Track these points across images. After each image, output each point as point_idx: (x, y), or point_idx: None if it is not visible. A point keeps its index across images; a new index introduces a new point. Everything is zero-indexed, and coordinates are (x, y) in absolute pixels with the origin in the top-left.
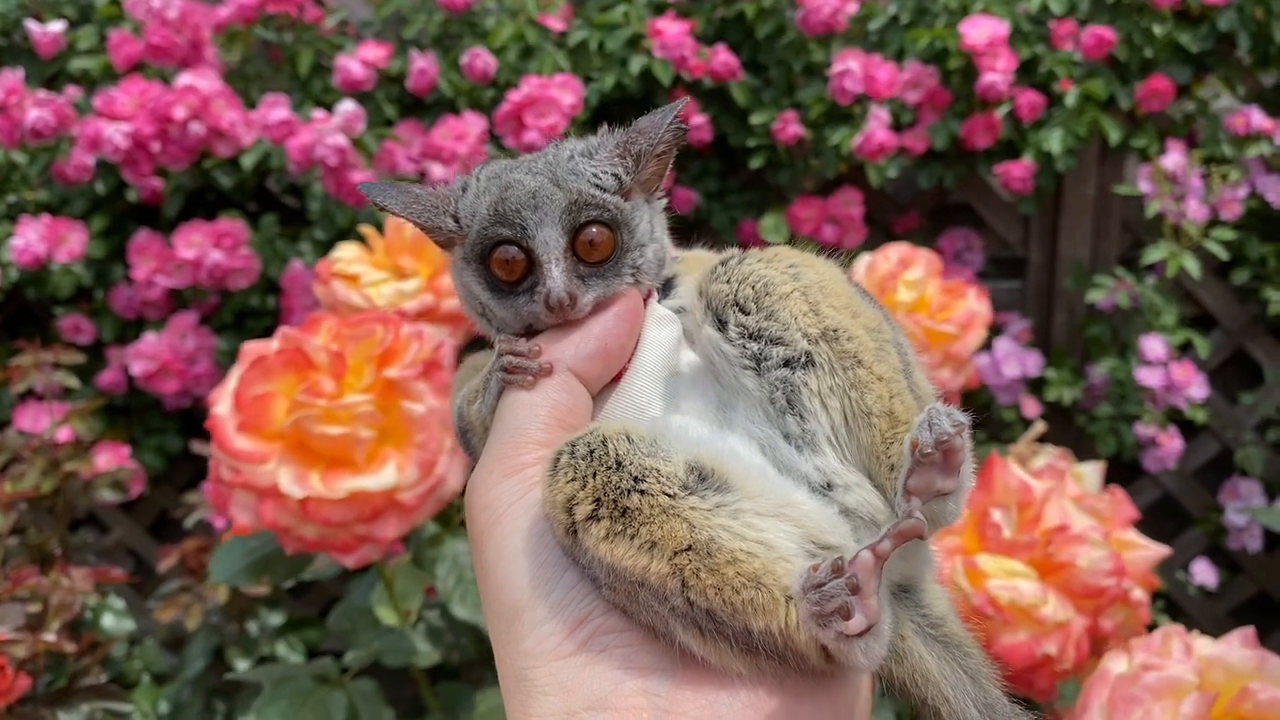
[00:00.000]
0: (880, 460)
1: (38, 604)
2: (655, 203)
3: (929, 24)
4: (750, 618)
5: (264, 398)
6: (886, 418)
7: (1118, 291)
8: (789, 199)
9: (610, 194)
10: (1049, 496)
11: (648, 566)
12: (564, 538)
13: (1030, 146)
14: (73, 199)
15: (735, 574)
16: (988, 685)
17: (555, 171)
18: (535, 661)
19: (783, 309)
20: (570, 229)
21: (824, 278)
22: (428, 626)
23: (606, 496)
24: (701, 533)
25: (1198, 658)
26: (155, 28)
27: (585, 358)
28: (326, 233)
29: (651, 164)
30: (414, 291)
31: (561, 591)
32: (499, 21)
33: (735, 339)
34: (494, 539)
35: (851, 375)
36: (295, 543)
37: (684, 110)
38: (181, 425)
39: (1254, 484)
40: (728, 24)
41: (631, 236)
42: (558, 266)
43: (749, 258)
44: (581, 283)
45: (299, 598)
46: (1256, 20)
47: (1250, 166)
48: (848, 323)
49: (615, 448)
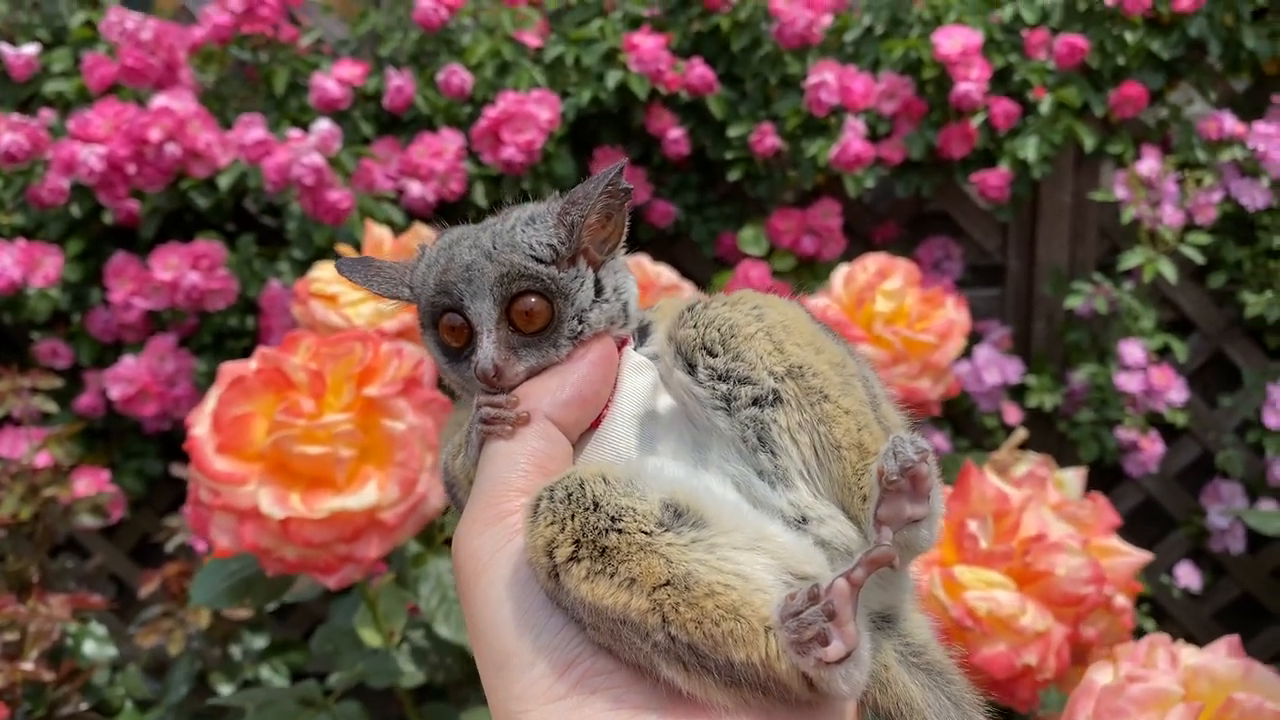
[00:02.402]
0: (852, 492)
1: (15, 632)
2: (611, 262)
3: (903, 35)
4: (731, 649)
5: (243, 418)
6: (856, 449)
7: (1096, 297)
8: (768, 211)
9: (546, 264)
10: (1026, 505)
11: (628, 603)
12: (547, 581)
13: (1006, 155)
14: (48, 222)
15: (714, 606)
16: (971, 711)
17: (495, 242)
18: (527, 705)
19: (748, 349)
20: (502, 300)
21: (787, 317)
22: (412, 647)
23: (585, 537)
24: (679, 567)
25: (1183, 667)
26: (130, 49)
27: (562, 405)
28: (304, 252)
29: (606, 227)
30: (392, 310)
31: (549, 635)
32: (475, 38)
33: (705, 380)
34: (480, 587)
35: (819, 410)
36: (276, 564)
37: (619, 170)
38: (161, 448)
39: (1235, 486)
40: (703, 37)
41: (570, 305)
42: (488, 338)
43: (714, 303)
44: (514, 353)
45: (282, 621)
46: (1226, 26)
47: (1224, 171)
48: (812, 359)
49: (592, 489)
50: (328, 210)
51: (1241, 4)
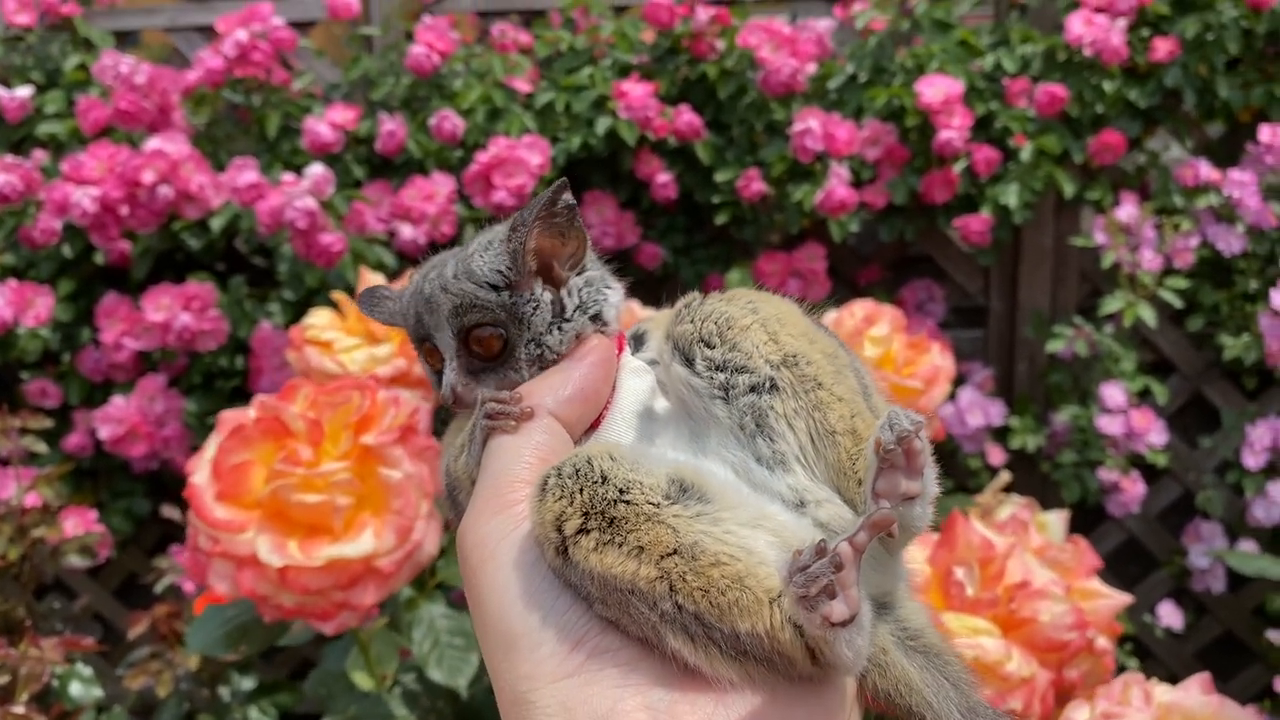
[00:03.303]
0: (847, 476)
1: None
2: (580, 276)
3: (886, 83)
4: (736, 619)
5: (242, 466)
6: (850, 435)
7: (1077, 340)
8: (754, 253)
9: (500, 290)
10: (1010, 552)
11: (636, 572)
12: (554, 559)
13: (988, 200)
14: (39, 262)
15: (720, 576)
16: (969, 691)
17: (455, 270)
18: (535, 684)
19: (745, 340)
20: (459, 330)
21: (780, 311)
22: (404, 691)
23: (594, 509)
24: (686, 537)
25: (1156, 705)
26: (123, 92)
27: (565, 401)
28: (296, 293)
29: (566, 245)
30: (387, 357)
31: (557, 615)
32: (466, 84)
33: (703, 372)
34: (487, 573)
35: (813, 397)
36: (274, 611)
37: (557, 189)
38: (149, 488)
39: (1215, 526)
40: (691, 85)
41: (526, 329)
42: (450, 365)
43: (710, 299)
44: (475, 377)
45: (270, 661)
46: (1200, 76)
47: (1201, 216)
48: (806, 348)
49: (600, 465)
50: (320, 253)
51: (1215, 55)
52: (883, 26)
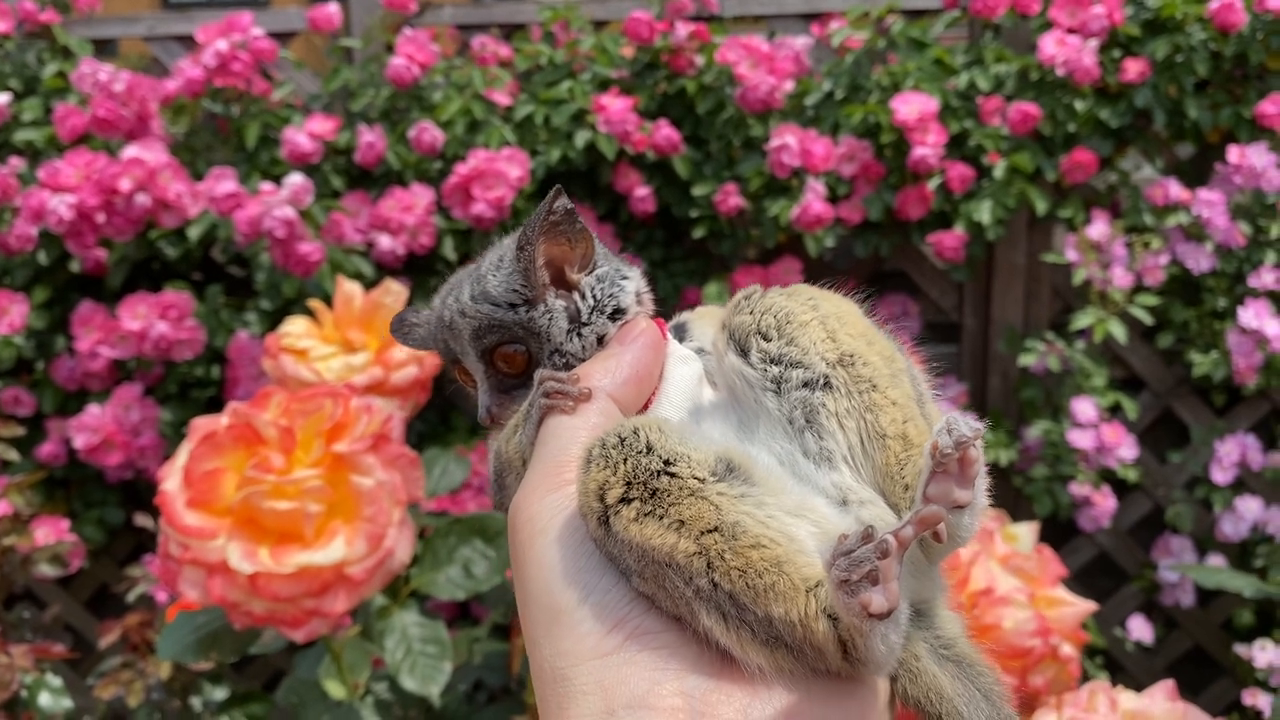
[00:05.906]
0: (894, 480)
1: None
2: (593, 274)
3: (862, 100)
4: (771, 603)
5: (213, 473)
6: (900, 440)
7: (1049, 355)
8: (731, 267)
9: (516, 308)
10: (975, 560)
11: (675, 544)
12: (596, 529)
13: (961, 217)
14: (14, 269)
15: (759, 558)
16: (1000, 703)
17: (471, 292)
18: (574, 661)
19: (803, 335)
20: (482, 352)
21: (841, 310)
22: (376, 699)
23: (637, 479)
24: (728, 515)
25: (1122, 712)
26: (102, 100)
27: (621, 384)
28: (273, 303)
29: (574, 249)
30: (363, 365)
31: (600, 594)
32: (446, 96)
33: (757, 364)
34: (535, 549)
35: (867, 399)
36: (244, 618)
37: (552, 196)
38: (123, 497)
39: (1185, 540)
40: (670, 100)
41: (547, 342)
42: (481, 387)
43: (770, 292)
44: (507, 395)
45: (242, 671)
46: (1170, 97)
47: (1170, 235)
48: (863, 349)
49: (646, 435)
50: (298, 262)
51: (1184, 76)
52: (859, 45)
